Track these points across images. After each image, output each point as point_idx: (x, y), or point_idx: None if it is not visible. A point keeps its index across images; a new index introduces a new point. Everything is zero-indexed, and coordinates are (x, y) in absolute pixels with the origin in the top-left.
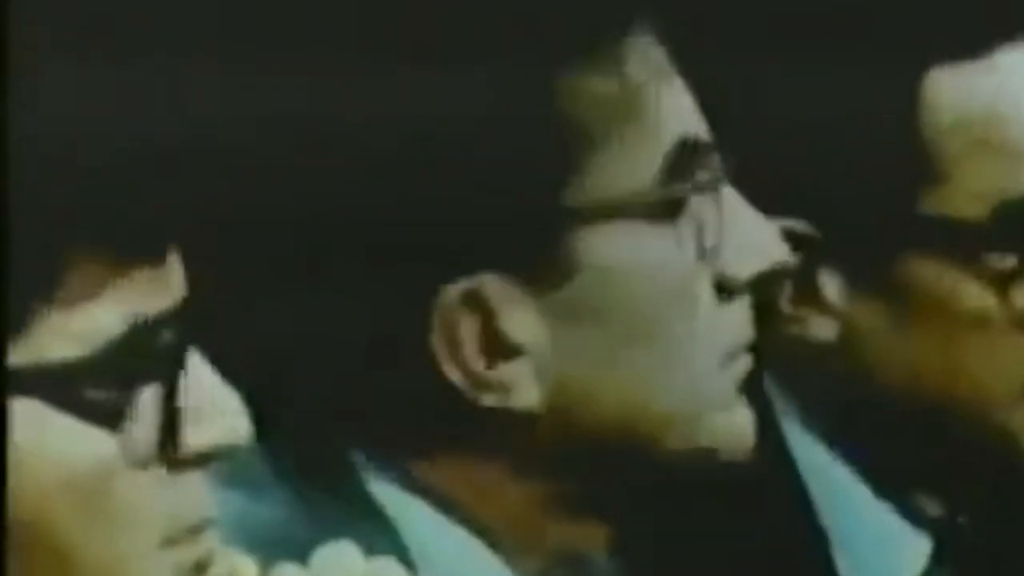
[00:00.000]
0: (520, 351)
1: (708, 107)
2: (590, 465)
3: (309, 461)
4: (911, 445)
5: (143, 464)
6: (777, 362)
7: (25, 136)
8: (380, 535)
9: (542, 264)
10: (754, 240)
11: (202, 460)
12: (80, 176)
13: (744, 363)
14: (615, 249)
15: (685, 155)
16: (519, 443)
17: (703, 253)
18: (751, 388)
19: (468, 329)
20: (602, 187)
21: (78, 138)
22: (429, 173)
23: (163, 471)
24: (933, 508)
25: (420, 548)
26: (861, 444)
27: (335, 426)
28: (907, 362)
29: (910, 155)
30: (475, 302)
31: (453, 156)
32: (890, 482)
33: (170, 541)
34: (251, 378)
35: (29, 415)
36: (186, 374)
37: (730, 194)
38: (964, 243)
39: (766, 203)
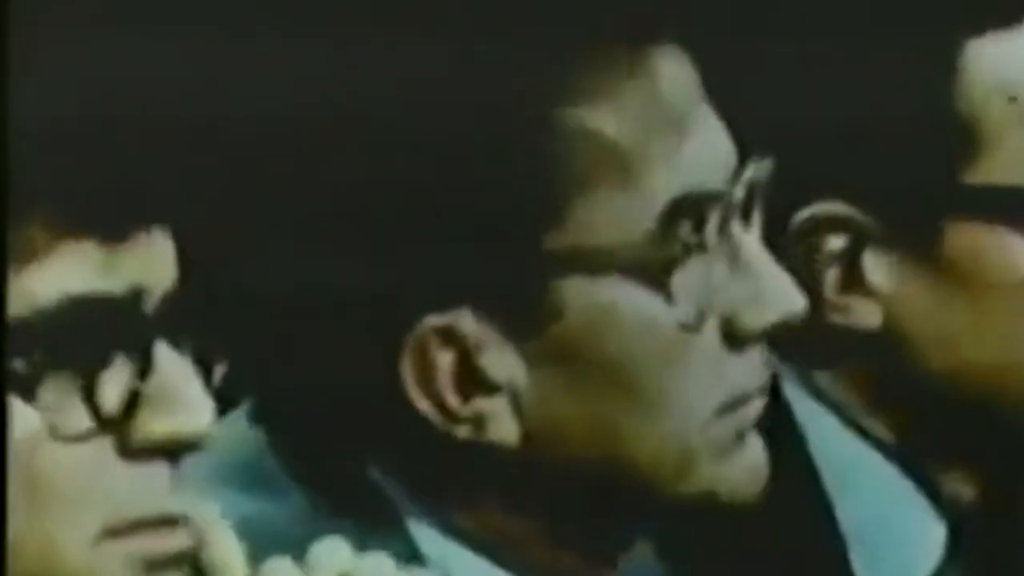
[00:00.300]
0: (498, 388)
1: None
2: (569, 501)
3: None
4: (956, 428)
5: (74, 440)
6: (816, 352)
7: (25, 117)
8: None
9: (522, 307)
10: (768, 290)
11: (162, 450)
12: (80, 153)
13: (754, 407)
14: (600, 300)
15: (684, 211)
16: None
17: (704, 305)
18: (763, 426)
19: (442, 362)
20: (589, 235)
21: (81, 118)
22: (417, 200)
23: (113, 455)
24: (968, 492)
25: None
26: (901, 428)
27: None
28: (958, 342)
29: (950, 128)
30: (452, 337)
31: (442, 186)
32: (923, 466)
33: (112, 532)
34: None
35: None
36: (152, 357)
37: (749, 241)
38: (1014, 210)
39: (806, 188)
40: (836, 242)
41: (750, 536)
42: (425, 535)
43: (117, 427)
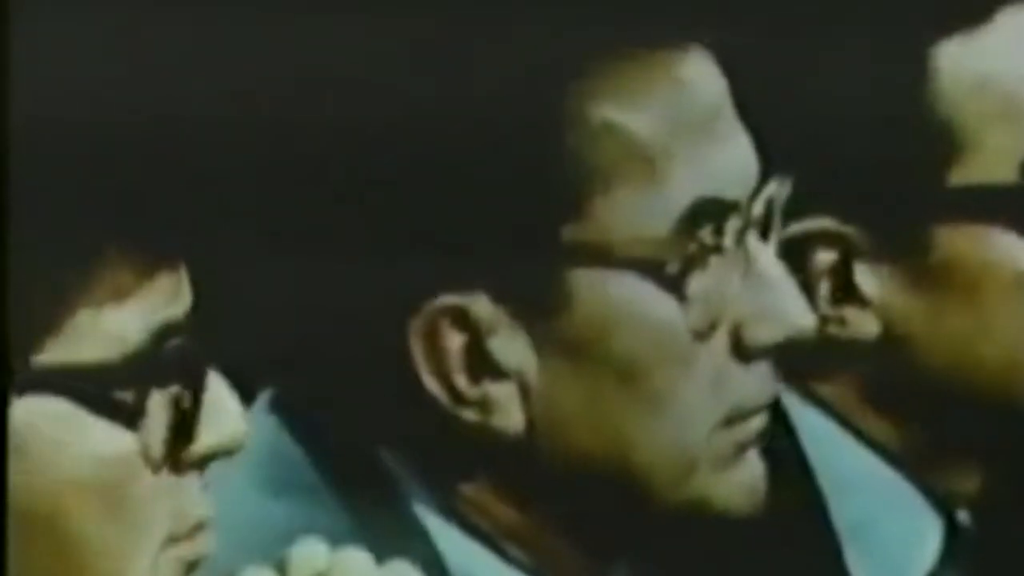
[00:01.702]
0: (506, 374)
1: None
2: (572, 492)
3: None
4: (955, 430)
5: (156, 464)
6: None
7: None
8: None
9: (537, 296)
10: (780, 306)
11: (202, 462)
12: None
13: (757, 423)
14: (614, 296)
15: (704, 215)
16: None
17: (717, 313)
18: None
19: (452, 343)
20: (609, 230)
21: (88, 127)
22: (437, 182)
23: (168, 471)
24: (966, 494)
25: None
26: (899, 432)
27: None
28: (955, 344)
29: (930, 131)
30: (465, 319)
31: (469, 173)
32: (921, 468)
33: (173, 539)
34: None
35: (54, 413)
36: (200, 378)
37: (765, 255)
38: (999, 208)
39: (791, 200)
40: (826, 256)
41: (746, 539)
42: (427, 515)
43: (177, 447)
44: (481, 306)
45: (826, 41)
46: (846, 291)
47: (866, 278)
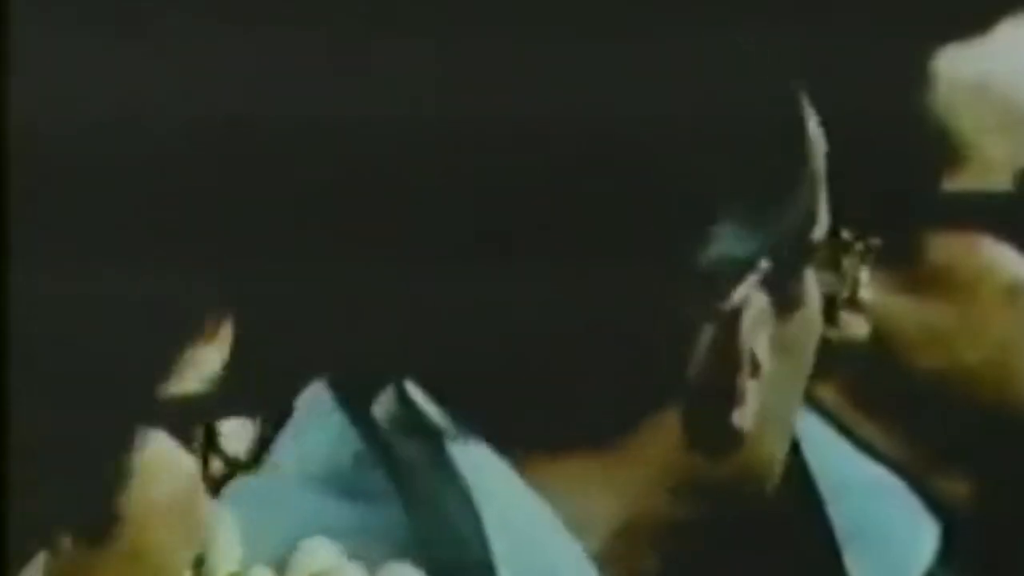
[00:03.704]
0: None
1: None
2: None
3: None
4: (947, 431)
5: (217, 489)
6: None
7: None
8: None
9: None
10: None
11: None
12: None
13: None
14: None
15: None
16: None
17: None
18: None
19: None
20: None
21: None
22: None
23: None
24: (961, 494)
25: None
26: (892, 433)
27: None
28: (945, 347)
29: (926, 137)
30: None
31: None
32: (916, 469)
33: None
34: None
35: (155, 444)
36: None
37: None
38: (993, 216)
39: None
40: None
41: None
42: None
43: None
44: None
45: (823, 44)
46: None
47: (860, 281)
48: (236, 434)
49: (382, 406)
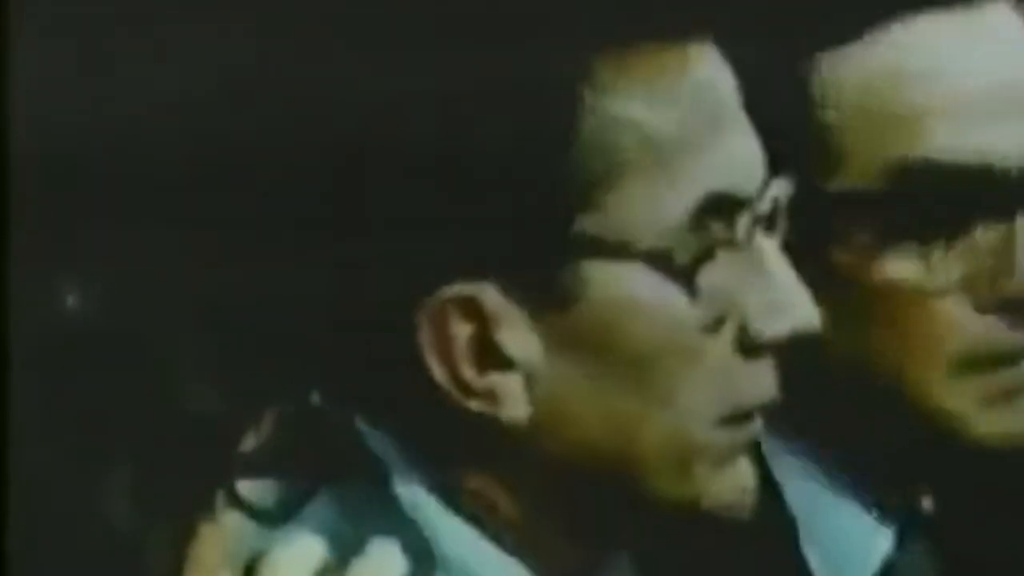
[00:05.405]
0: (513, 365)
1: None
2: (572, 485)
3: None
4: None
5: None
6: None
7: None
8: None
9: (545, 286)
10: (787, 301)
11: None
12: None
13: (755, 426)
14: (623, 288)
15: (715, 208)
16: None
17: (725, 307)
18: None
19: (460, 333)
20: (619, 222)
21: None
22: (449, 171)
23: None
24: (895, 494)
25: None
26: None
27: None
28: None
29: (806, 141)
30: (471, 308)
31: (475, 160)
32: (852, 471)
33: None
34: None
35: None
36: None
37: (772, 251)
38: (871, 216)
39: None
40: None
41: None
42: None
43: None
44: (489, 296)
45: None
46: None
47: None
48: None
49: None
